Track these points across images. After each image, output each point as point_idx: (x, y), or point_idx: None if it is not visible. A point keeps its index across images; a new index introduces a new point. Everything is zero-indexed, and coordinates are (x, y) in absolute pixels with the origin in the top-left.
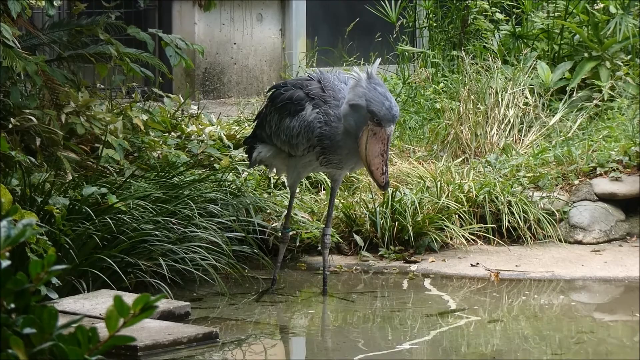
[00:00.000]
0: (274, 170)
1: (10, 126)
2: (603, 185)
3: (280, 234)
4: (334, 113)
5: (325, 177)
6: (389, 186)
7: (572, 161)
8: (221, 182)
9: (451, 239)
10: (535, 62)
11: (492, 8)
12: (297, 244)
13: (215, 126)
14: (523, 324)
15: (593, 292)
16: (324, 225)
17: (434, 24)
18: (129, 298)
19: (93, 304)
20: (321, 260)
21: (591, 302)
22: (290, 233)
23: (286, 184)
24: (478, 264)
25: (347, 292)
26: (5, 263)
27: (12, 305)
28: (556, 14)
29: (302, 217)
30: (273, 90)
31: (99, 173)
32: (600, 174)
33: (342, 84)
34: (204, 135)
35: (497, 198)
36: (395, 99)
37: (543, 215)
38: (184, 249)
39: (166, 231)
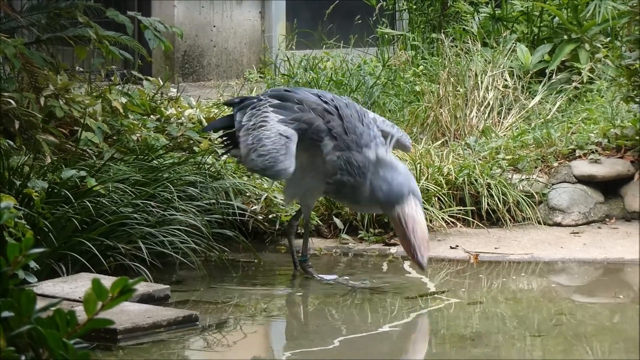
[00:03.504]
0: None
1: None
2: (582, 167)
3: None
4: (357, 163)
5: None
6: (424, 267)
7: (551, 143)
8: (200, 165)
9: (431, 221)
10: (514, 44)
11: None
12: (277, 227)
13: (194, 109)
14: (502, 305)
15: (572, 274)
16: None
17: (414, 7)
18: (108, 281)
19: (72, 287)
20: (301, 243)
21: (570, 284)
22: (270, 216)
23: (284, 199)
24: (457, 246)
25: (327, 275)
26: None
27: None
28: None
29: (282, 199)
30: (276, 92)
31: (78, 156)
32: (580, 156)
33: (360, 123)
34: (183, 118)
35: (476, 180)
36: (375, 82)
37: (522, 198)
38: (163, 232)
39: (145, 214)
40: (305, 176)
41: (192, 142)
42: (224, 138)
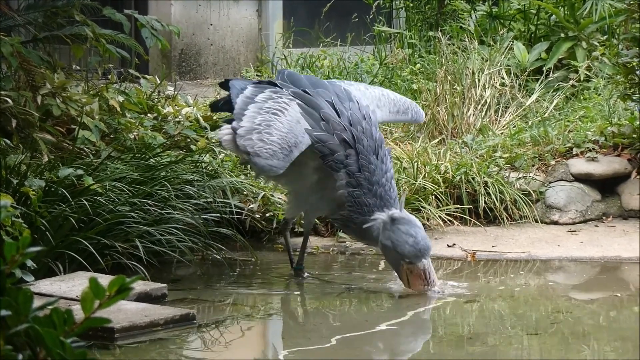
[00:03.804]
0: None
1: None
2: (579, 165)
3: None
4: (368, 203)
5: None
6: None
7: (549, 141)
8: (198, 164)
9: (428, 219)
10: (511, 42)
11: None
12: (274, 225)
13: (191, 107)
14: (500, 304)
15: (569, 272)
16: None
17: (411, 5)
18: (105, 280)
19: (70, 286)
20: (299, 241)
21: (567, 282)
22: (268, 214)
23: (286, 213)
24: (454, 244)
25: (324, 273)
26: None
27: None
28: None
29: (279, 198)
30: (298, 92)
31: (75, 155)
32: (577, 154)
33: (375, 156)
34: (180, 117)
35: (473, 179)
36: (372, 80)
37: (519, 196)
38: (160, 231)
39: (142, 213)
40: (312, 194)
41: (189, 140)
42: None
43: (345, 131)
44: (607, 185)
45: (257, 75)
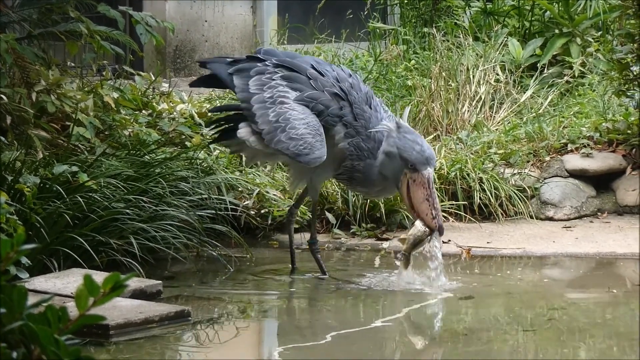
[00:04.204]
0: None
1: None
2: (574, 161)
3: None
4: (367, 147)
5: None
6: (444, 229)
7: (543, 137)
8: (192, 160)
9: None
10: (506, 38)
11: None
12: (269, 222)
13: (186, 104)
14: (495, 300)
15: (564, 268)
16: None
17: (405, 1)
18: (100, 277)
19: (64, 283)
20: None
21: (563, 278)
22: (263, 211)
23: (289, 188)
24: (449, 240)
25: (319, 270)
26: None
27: None
28: None
29: (274, 194)
30: (281, 60)
31: (70, 151)
32: (571, 150)
33: (368, 107)
34: (175, 113)
35: (468, 175)
36: (367, 77)
37: (514, 192)
38: (155, 228)
39: (137, 210)
40: None
41: (184, 137)
42: (219, 124)
43: (334, 87)
44: (601, 181)
45: None
